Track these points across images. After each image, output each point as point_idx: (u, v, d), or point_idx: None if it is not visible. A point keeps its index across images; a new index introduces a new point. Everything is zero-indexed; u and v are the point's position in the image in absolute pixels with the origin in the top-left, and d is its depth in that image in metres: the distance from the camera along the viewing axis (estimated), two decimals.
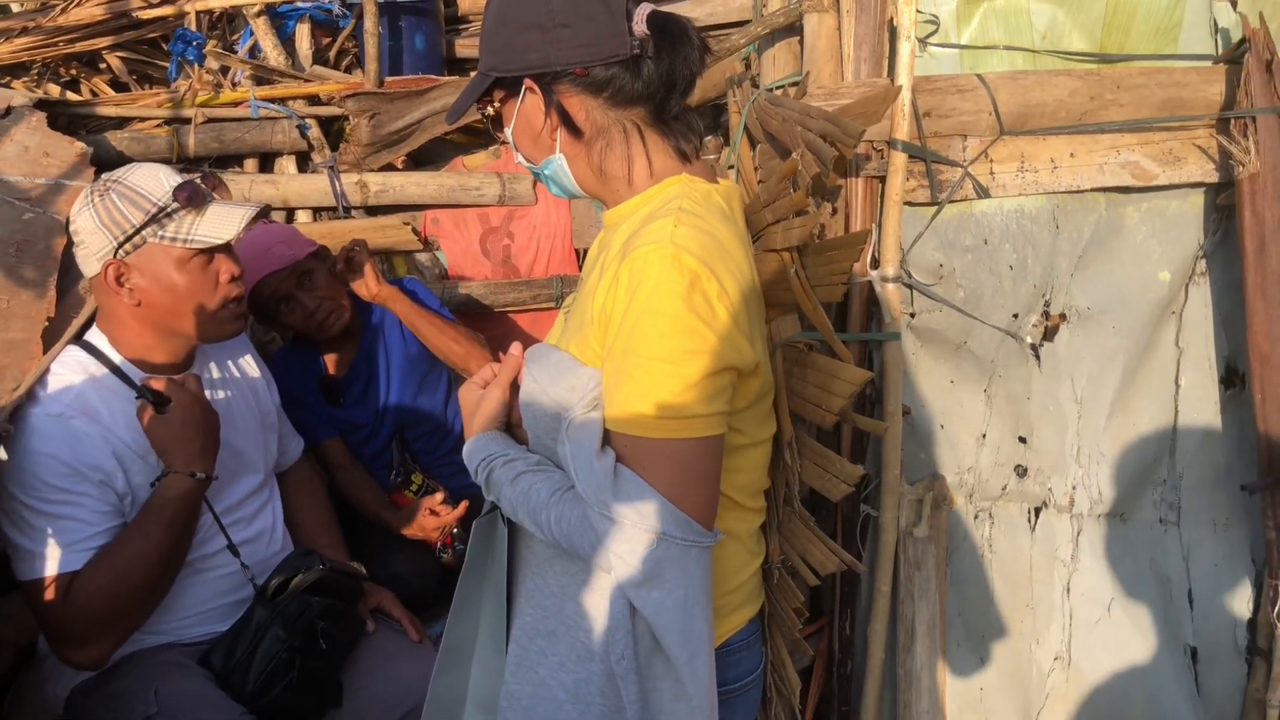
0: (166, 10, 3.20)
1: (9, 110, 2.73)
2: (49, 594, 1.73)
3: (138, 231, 1.83)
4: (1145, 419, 2.18)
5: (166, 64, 3.27)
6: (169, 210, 1.84)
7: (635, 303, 1.23)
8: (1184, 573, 2.20)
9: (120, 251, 1.85)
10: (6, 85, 3.11)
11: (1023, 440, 2.16)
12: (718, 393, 1.26)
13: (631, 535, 1.23)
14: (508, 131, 1.45)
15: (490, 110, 1.46)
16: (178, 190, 1.85)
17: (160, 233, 1.84)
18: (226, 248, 1.92)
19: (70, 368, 1.90)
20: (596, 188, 1.44)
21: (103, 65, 3.31)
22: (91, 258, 1.88)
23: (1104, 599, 2.19)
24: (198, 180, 1.92)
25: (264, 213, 1.95)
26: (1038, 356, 2.13)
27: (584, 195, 1.47)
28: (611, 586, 1.29)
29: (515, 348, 1.49)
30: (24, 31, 3.12)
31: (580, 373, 1.35)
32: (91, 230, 1.86)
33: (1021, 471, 2.16)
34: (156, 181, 1.86)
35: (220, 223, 1.86)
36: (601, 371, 1.32)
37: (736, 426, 1.38)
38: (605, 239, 1.43)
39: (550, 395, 1.36)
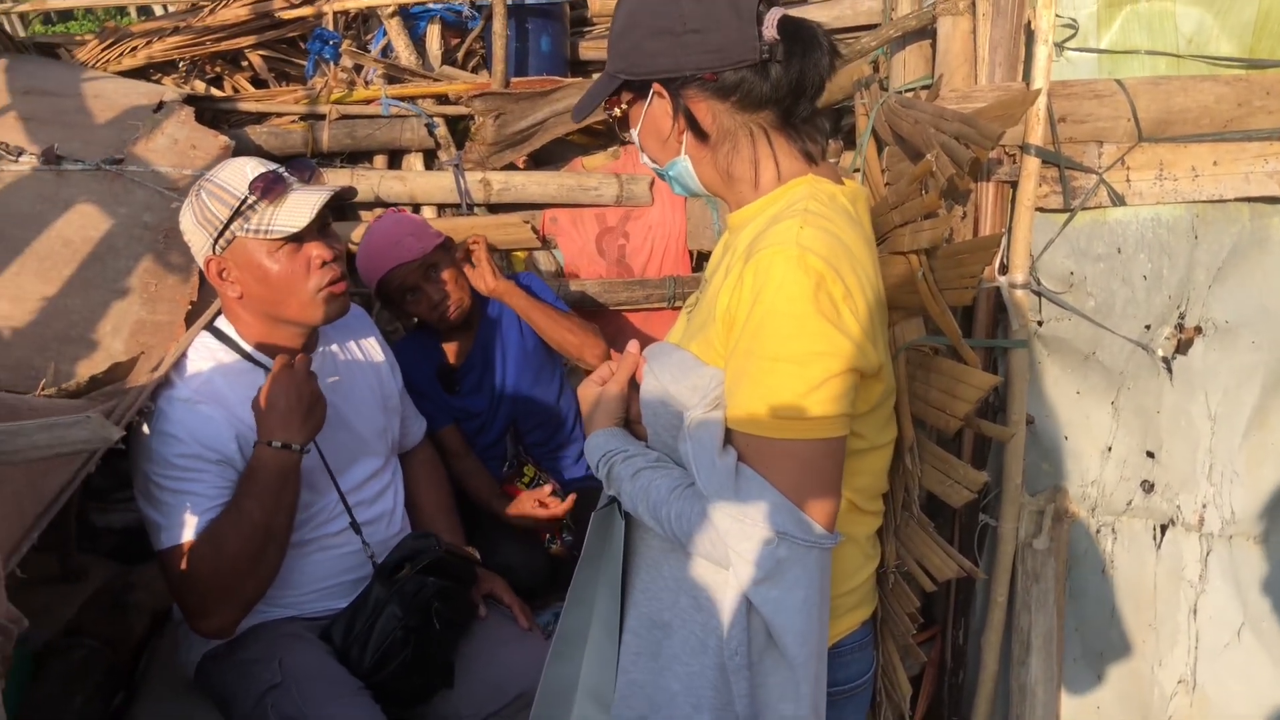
0: (306, 10, 3.33)
1: (161, 105, 2.88)
2: (173, 564, 1.82)
3: (226, 227, 1.88)
4: None
5: (304, 62, 3.40)
6: (249, 203, 1.87)
7: (760, 304, 1.24)
8: None
9: (216, 247, 1.91)
10: (158, 81, 3.28)
11: (1150, 455, 2.09)
12: (841, 395, 1.26)
13: (752, 533, 1.24)
14: (633, 133, 1.46)
15: (618, 111, 1.47)
16: (253, 184, 1.87)
17: (245, 226, 1.88)
18: (317, 230, 1.94)
19: (202, 355, 1.98)
20: (722, 189, 1.45)
21: (244, 63, 3.46)
22: (198, 255, 1.96)
23: (1234, 624, 2.11)
24: (281, 170, 1.94)
25: (339, 195, 1.95)
26: (1170, 370, 2.07)
27: (706, 194, 1.48)
28: (728, 582, 1.30)
29: (633, 345, 1.51)
30: (175, 31, 3.28)
31: (702, 372, 1.36)
32: (192, 229, 1.93)
33: (1148, 487, 2.10)
34: (241, 176, 1.89)
35: (297, 210, 1.88)
36: (724, 371, 1.33)
37: (857, 431, 1.37)
38: (730, 240, 1.44)
39: (671, 394, 1.37)
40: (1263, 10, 1.99)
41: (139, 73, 3.28)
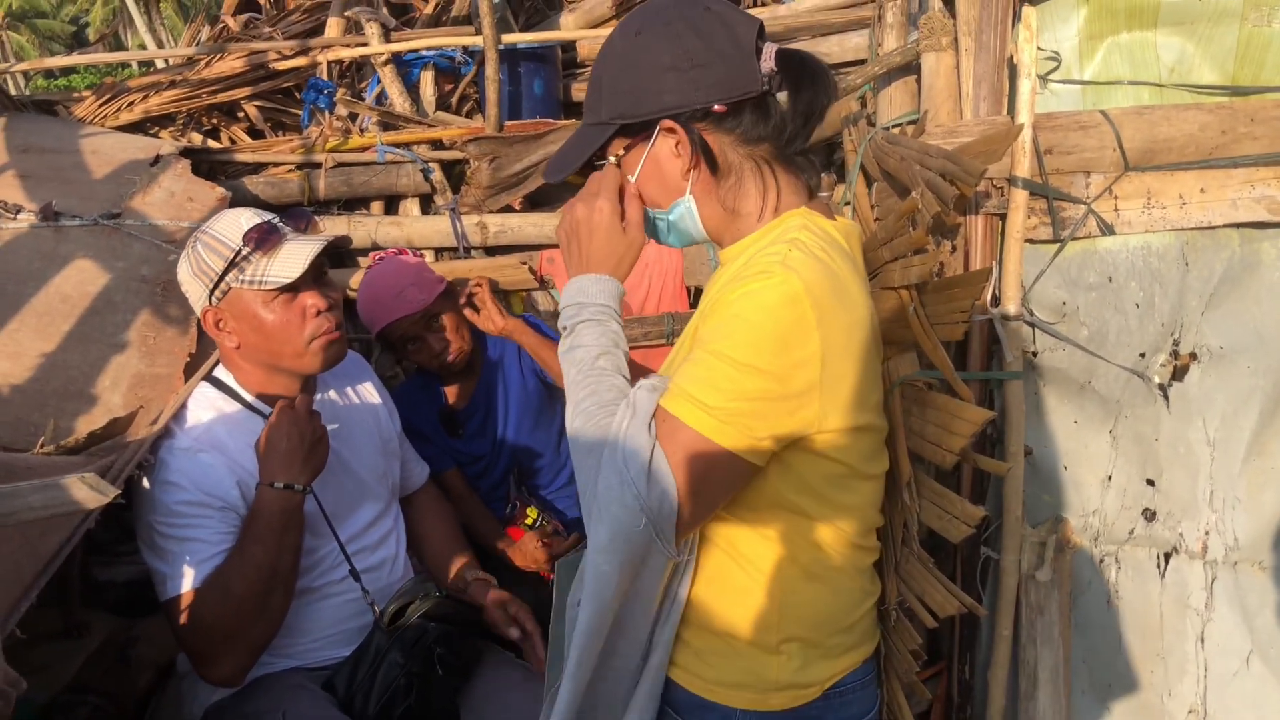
0: (300, 61, 3.38)
1: (158, 159, 2.91)
2: (180, 612, 1.82)
3: (221, 278, 1.90)
4: None
5: (299, 111, 3.44)
6: (244, 254, 1.89)
7: (730, 306, 1.26)
8: None
9: (212, 299, 1.92)
10: (155, 135, 3.31)
11: (1151, 483, 2.09)
12: (764, 417, 1.26)
13: (624, 497, 1.25)
14: (631, 179, 1.44)
15: (612, 159, 1.44)
16: (246, 235, 1.89)
17: (240, 277, 1.89)
18: (313, 279, 1.95)
19: (201, 404, 2.00)
20: (722, 226, 1.44)
21: (241, 114, 3.50)
22: (195, 305, 1.98)
23: (1241, 651, 2.10)
24: (276, 220, 1.96)
25: (333, 245, 1.97)
26: (1166, 397, 2.06)
27: (704, 239, 1.47)
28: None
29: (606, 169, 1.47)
30: (171, 85, 3.32)
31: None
32: (189, 280, 1.95)
33: (1150, 515, 2.09)
34: (235, 227, 1.91)
35: (291, 261, 1.89)
36: None
37: (836, 457, 1.36)
38: (719, 274, 1.45)
39: None
40: (1243, 38, 2.01)
41: (136, 127, 3.32)
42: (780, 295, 1.23)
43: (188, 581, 1.82)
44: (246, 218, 1.94)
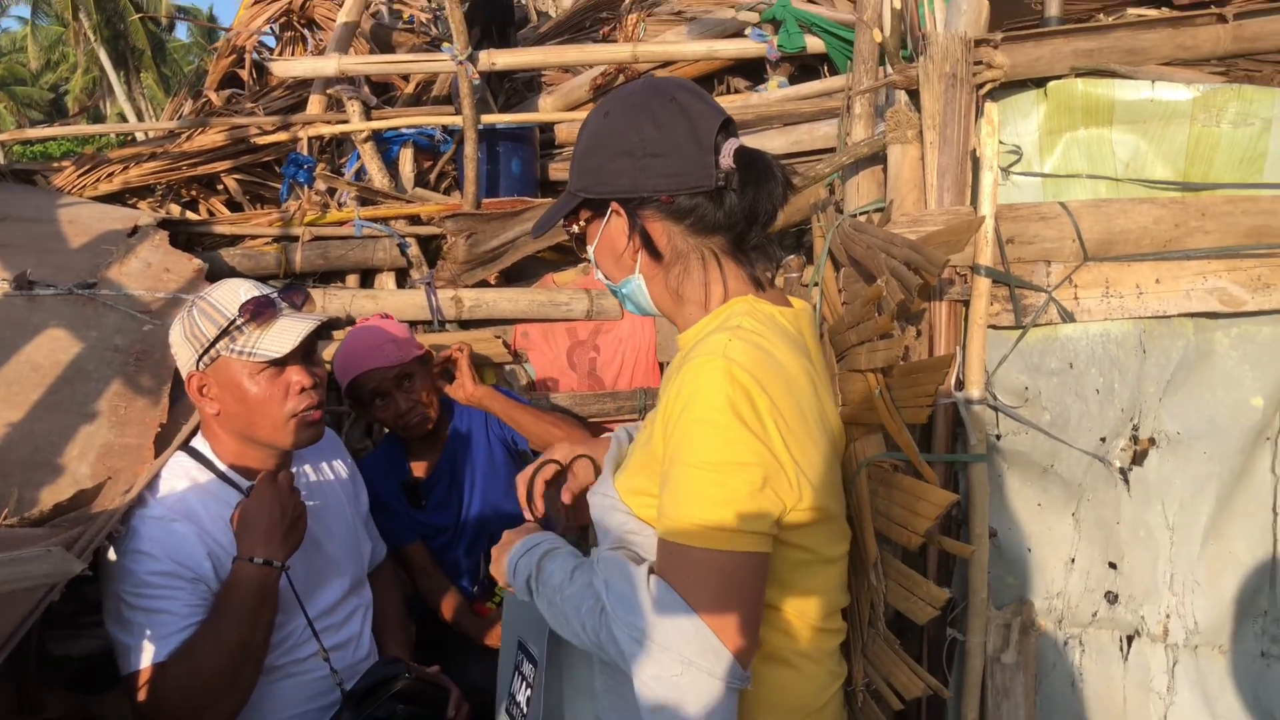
0: (281, 136, 3.43)
1: (135, 229, 2.93)
2: (143, 686, 1.79)
3: (212, 345, 1.92)
4: (1242, 547, 2.12)
5: (278, 185, 3.49)
6: (238, 324, 1.92)
7: (686, 412, 1.27)
8: None
9: (200, 364, 1.94)
10: (133, 206, 3.34)
11: (1113, 566, 2.12)
12: (764, 510, 1.27)
13: (658, 658, 1.23)
14: (590, 249, 1.51)
15: (576, 228, 1.52)
16: (243, 306, 1.92)
17: (231, 346, 1.92)
18: (300, 356, 1.97)
19: (176, 473, 2.00)
20: (671, 309, 1.49)
21: (220, 186, 3.54)
22: (182, 369, 1.99)
23: None
24: (274, 294, 1.99)
25: (325, 324, 2.02)
26: (1127, 481, 2.10)
27: (658, 314, 1.52)
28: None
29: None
30: (152, 157, 3.36)
31: (615, 519, 1.42)
32: (179, 343, 1.97)
33: (1112, 598, 2.12)
34: (234, 297, 1.95)
35: (283, 336, 1.92)
36: (635, 518, 1.39)
37: (800, 543, 1.38)
38: (676, 361, 1.48)
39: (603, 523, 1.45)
40: (1193, 136, 2.09)
41: (115, 197, 3.35)
42: (730, 389, 1.25)
43: (152, 655, 1.79)
44: (246, 289, 1.97)
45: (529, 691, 1.57)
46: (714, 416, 1.25)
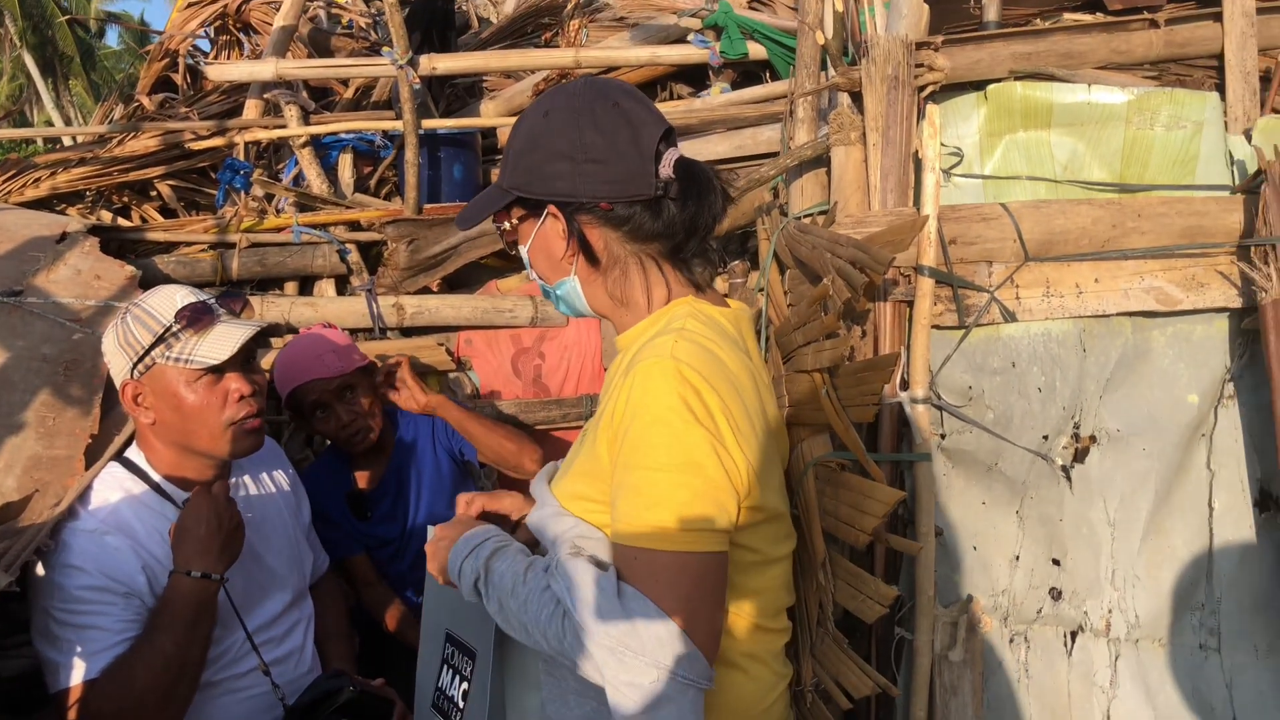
0: (217, 141, 3.37)
1: (64, 236, 2.85)
2: (73, 704, 1.73)
3: (147, 352, 1.87)
4: (1180, 542, 2.16)
5: (214, 191, 3.41)
6: (174, 331, 1.87)
7: (638, 417, 1.26)
8: (1228, 700, 2.15)
9: (134, 372, 1.89)
10: (62, 212, 3.25)
11: (1056, 563, 2.14)
12: (726, 508, 1.27)
13: (630, 664, 1.22)
14: (523, 250, 1.48)
15: (507, 225, 1.49)
16: (179, 312, 1.88)
17: (167, 354, 1.87)
18: (239, 364, 1.93)
19: (109, 485, 1.94)
20: (610, 311, 1.48)
21: (153, 192, 3.46)
22: (116, 377, 1.94)
23: None
24: (211, 301, 1.94)
25: (265, 331, 1.96)
26: (1069, 478, 2.13)
27: (593, 315, 1.50)
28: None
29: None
30: (81, 162, 3.27)
31: (562, 521, 1.39)
32: (112, 351, 1.92)
33: (1056, 594, 2.14)
34: (169, 304, 1.90)
35: (221, 343, 1.88)
36: (581, 522, 1.37)
37: (747, 544, 1.38)
38: (617, 361, 1.47)
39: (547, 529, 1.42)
40: (1128, 139, 2.14)
41: (43, 204, 3.26)
42: (682, 390, 1.25)
43: (82, 672, 1.74)
44: (182, 295, 1.92)
45: (464, 685, 1.54)
46: (668, 417, 1.24)
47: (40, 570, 1.79)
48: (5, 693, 2.71)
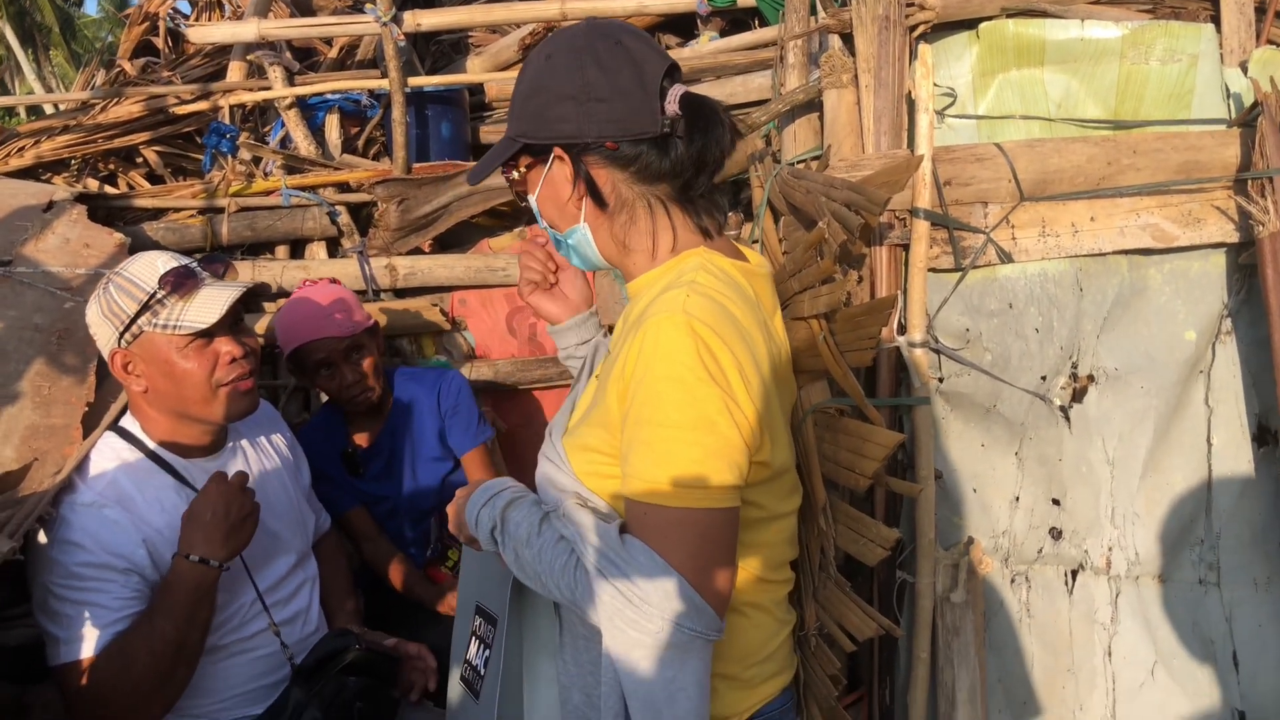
0: (201, 105, 3.32)
1: (51, 205, 2.82)
2: (73, 680, 1.74)
3: (133, 321, 1.85)
4: (1179, 478, 2.17)
5: (201, 156, 3.37)
6: (159, 297, 1.85)
7: (650, 371, 1.25)
8: (1227, 634, 2.17)
9: (122, 341, 1.87)
10: (48, 181, 3.21)
11: (1056, 502, 2.15)
12: (736, 463, 1.27)
13: (638, 616, 1.22)
14: (531, 198, 1.47)
15: (515, 174, 1.47)
16: (163, 278, 1.86)
17: (154, 321, 1.85)
18: (227, 326, 1.91)
19: (106, 455, 1.93)
20: (618, 258, 1.46)
21: (139, 159, 3.41)
22: (103, 348, 1.92)
23: (1147, 662, 2.16)
24: (194, 265, 1.92)
25: (250, 290, 1.94)
26: (1068, 418, 2.13)
27: (606, 266, 1.49)
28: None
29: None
30: (65, 130, 3.23)
31: (564, 480, 1.40)
32: (98, 322, 1.90)
33: (1056, 534, 2.15)
34: (151, 270, 1.87)
35: (207, 306, 1.86)
36: (583, 486, 1.37)
37: (755, 500, 1.38)
38: (628, 311, 1.46)
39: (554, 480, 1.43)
40: (1122, 74, 2.11)
41: (28, 173, 3.21)
42: (694, 345, 1.24)
43: (83, 648, 1.74)
44: (163, 261, 1.89)
45: (486, 652, 1.55)
46: (681, 374, 1.23)
47: (42, 538, 1.79)
48: (9, 662, 2.73)
